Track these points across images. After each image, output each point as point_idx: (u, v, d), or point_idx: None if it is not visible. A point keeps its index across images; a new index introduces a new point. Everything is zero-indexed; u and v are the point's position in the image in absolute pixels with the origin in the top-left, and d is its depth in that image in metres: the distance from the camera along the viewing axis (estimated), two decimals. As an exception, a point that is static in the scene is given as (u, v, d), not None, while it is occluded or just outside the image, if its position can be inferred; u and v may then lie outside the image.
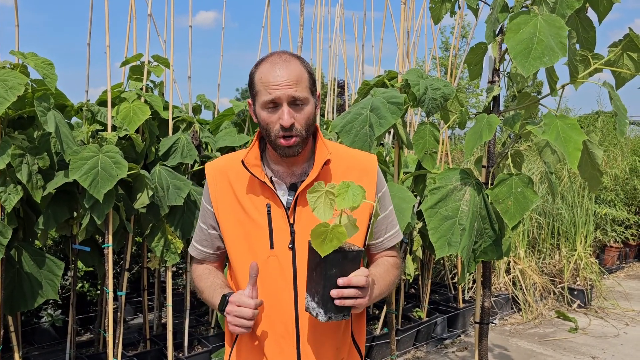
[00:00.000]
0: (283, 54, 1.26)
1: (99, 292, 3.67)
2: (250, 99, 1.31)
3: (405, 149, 3.83)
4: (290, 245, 1.26)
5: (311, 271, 1.15)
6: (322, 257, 1.08)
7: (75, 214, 2.83)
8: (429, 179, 3.02)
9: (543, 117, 1.75)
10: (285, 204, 1.28)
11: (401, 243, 2.92)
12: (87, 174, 2.40)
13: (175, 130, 3.21)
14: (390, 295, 3.01)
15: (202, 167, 3.15)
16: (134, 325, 4.14)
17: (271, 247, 1.26)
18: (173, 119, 3.16)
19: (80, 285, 3.96)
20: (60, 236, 3.92)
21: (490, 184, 2.01)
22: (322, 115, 4.90)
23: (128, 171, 2.52)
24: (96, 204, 2.49)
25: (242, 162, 1.28)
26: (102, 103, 2.96)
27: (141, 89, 3.03)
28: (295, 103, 1.21)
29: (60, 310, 3.94)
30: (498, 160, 2.11)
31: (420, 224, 3.60)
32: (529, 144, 2.25)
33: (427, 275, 4.11)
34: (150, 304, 3.89)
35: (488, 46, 2.03)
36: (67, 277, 3.95)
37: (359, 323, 1.40)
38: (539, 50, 1.61)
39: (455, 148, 8.71)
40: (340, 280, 1.10)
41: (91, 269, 3.95)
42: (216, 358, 2.76)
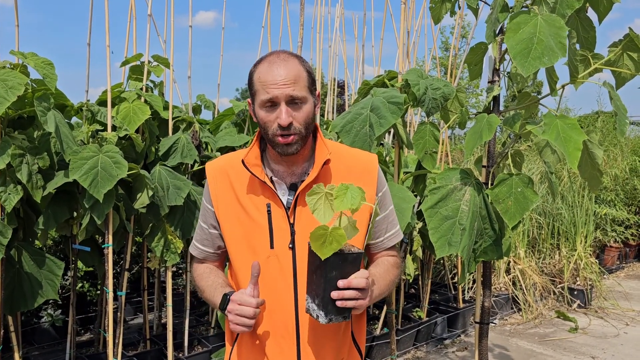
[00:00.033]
0: (281, 53, 1.26)
1: (99, 292, 3.67)
2: (250, 99, 1.31)
3: (405, 149, 3.83)
4: (291, 245, 1.26)
5: (311, 273, 1.15)
6: (322, 260, 1.08)
7: (75, 214, 2.83)
8: (429, 179, 3.02)
9: (543, 117, 1.75)
10: (285, 203, 1.28)
11: (401, 243, 2.92)
12: (87, 173, 2.40)
13: (175, 130, 3.21)
14: (390, 295, 3.01)
15: (202, 167, 3.15)
16: (134, 325, 4.14)
17: (271, 247, 1.26)
18: (173, 119, 3.16)
19: (80, 285, 3.96)
20: (60, 236, 3.92)
21: (491, 184, 2.01)
22: (322, 115, 4.90)
23: (128, 171, 2.52)
24: (96, 204, 2.49)
25: (243, 162, 1.28)
26: (102, 103, 2.96)
27: (141, 89, 3.03)
28: (293, 102, 1.21)
29: (60, 310, 3.94)
30: (498, 160, 2.11)
31: (420, 224, 3.60)
32: (529, 144, 2.25)
33: (427, 275, 4.11)
34: (150, 304, 3.89)
35: (488, 46, 2.03)
36: (67, 277, 3.95)
37: (359, 323, 1.40)
38: (538, 50, 1.61)
39: (455, 148, 8.70)
40: (341, 282, 1.10)
41: (91, 269, 3.95)
42: (216, 358, 2.75)
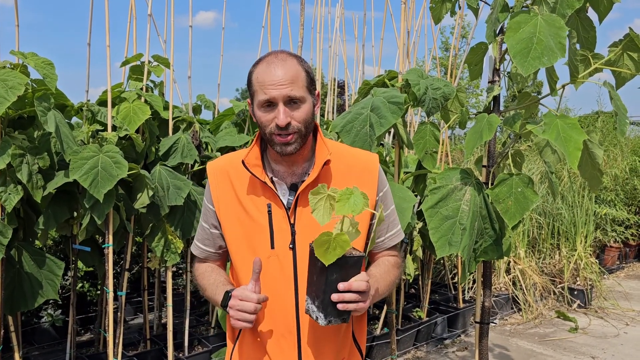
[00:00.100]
0: (280, 53, 1.26)
1: (99, 292, 3.67)
2: (249, 99, 1.31)
3: (406, 149, 3.83)
4: (291, 246, 1.26)
5: (312, 275, 1.15)
6: (324, 263, 1.08)
7: (75, 214, 2.83)
8: (429, 178, 3.02)
9: (543, 117, 1.75)
10: (285, 204, 1.28)
11: (401, 243, 2.92)
12: (88, 173, 2.40)
13: (175, 130, 3.21)
14: (391, 295, 3.01)
15: (202, 167, 3.16)
16: (134, 325, 4.14)
17: (272, 247, 1.26)
18: (173, 119, 3.16)
19: (80, 285, 3.96)
20: (60, 236, 3.92)
21: (491, 184, 2.01)
22: (322, 115, 4.90)
23: (128, 171, 2.52)
24: (96, 204, 2.49)
25: (243, 162, 1.28)
26: (102, 103, 2.96)
27: (141, 89, 3.03)
28: (291, 102, 1.21)
29: (61, 310, 3.94)
30: (498, 160, 2.11)
31: (421, 224, 3.60)
32: (529, 144, 2.25)
33: (427, 275, 4.11)
34: (151, 304, 3.88)
35: (488, 46, 2.03)
36: (67, 277, 3.95)
37: (360, 323, 1.40)
38: (538, 50, 1.61)
39: (456, 148, 8.70)
40: (341, 285, 1.10)
41: (91, 269, 3.95)
42: (216, 358, 2.75)
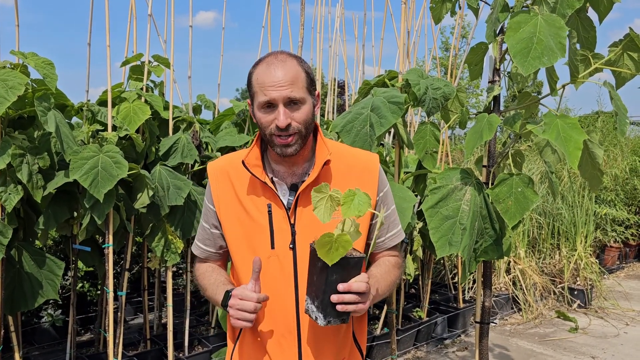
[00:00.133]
0: (280, 54, 1.26)
1: (99, 292, 3.67)
2: (249, 100, 1.31)
3: (406, 149, 3.83)
4: (291, 246, 1.26)
5: (312, 275, 1.15)
6: (324, 264, 1.08)
7: (75, 214, 2.83)
8: (430, 178, 3.02)
9: (543, 117, 1.75)
10: (286, 204, 1.28)
11: (402, 243, 2.92)
12: (88, 173, 2.40)
13: (175, 130, 3.21)
14: (391, 295, 3.01)
15: (203, 167, 3.16)
16: (134, 325, 4.14)
17: (272, 247, 1.26)
18: (173, 119, 3.16)
19: (80, 285, 3.96)
20: (60, 236, 3.92)
21: (491, 184, 2.01)
22: (322, 115, 4.90)
23: (128, 171, 2.52)
24: (96, 204, 2.49)
25: (243, 163, 1.28)
26: (103, 103, 2.96)
27: (141, 88, 3.03)
28: (291, 103, 1.21)
29: (61, 310, 3.94)
30: (498, 160, 2.11)
31: (421, 224, 3.60)
32: (529, 144, 2.25)
33: (428, 275, 4.11)
34: (151, 304, 3.88)
35: (488, 46, 2.03)
36: (68, 277, 3.95)
37: (361, 323, 1.40)
38: (538, 50, 1.61)
39: (456, 148, 8.70)
40: (341, 286, 1.10)
41: (91, 269, 3.95)
42: (216, 358, 2.76)
